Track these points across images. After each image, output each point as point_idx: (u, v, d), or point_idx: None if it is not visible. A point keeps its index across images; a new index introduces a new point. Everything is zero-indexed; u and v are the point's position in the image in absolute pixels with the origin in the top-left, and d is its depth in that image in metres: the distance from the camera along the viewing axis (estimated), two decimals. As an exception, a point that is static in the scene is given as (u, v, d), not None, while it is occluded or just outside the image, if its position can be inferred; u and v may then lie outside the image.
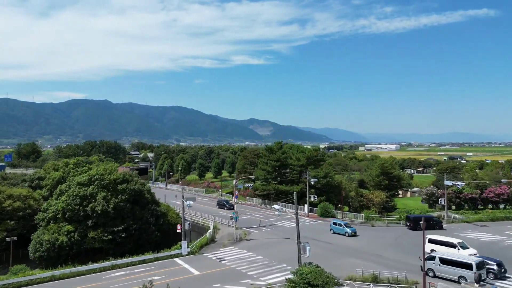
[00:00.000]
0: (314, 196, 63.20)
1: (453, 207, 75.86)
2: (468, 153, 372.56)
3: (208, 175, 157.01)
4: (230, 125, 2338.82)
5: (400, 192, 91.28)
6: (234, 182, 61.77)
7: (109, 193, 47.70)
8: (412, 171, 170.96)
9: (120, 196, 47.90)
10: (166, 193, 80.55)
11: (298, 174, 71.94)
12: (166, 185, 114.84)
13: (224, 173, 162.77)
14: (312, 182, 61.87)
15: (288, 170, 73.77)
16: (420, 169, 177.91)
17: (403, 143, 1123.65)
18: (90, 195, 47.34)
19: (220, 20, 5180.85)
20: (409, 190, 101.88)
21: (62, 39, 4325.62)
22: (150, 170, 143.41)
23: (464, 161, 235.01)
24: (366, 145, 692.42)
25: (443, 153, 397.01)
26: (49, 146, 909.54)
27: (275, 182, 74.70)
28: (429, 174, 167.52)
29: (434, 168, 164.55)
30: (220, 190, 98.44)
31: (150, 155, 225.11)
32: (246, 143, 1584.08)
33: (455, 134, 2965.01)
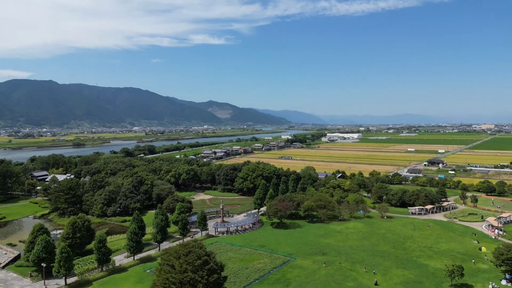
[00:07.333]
0: None
1: None
2: (439, 150, 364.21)
3: (122, 241, 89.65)
4: (188, 107, 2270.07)
5: None
6: None
7: None
8: (417, 209, 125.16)
9: None
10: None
11: None
12: None
13: (148, 236, 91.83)
14: None
15: None
16: (428, 207, 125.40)
17: (361, 128, 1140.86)
18: None
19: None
20: None
21: (2, 13, 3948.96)
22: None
23: (452, 171, 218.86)
24: (328, 134, 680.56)
25: (413, 149, 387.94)
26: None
27: None
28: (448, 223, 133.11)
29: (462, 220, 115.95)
30: None
31: (61, 177, 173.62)
32: (205, 126, 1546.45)
33: (405, 116, 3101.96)
